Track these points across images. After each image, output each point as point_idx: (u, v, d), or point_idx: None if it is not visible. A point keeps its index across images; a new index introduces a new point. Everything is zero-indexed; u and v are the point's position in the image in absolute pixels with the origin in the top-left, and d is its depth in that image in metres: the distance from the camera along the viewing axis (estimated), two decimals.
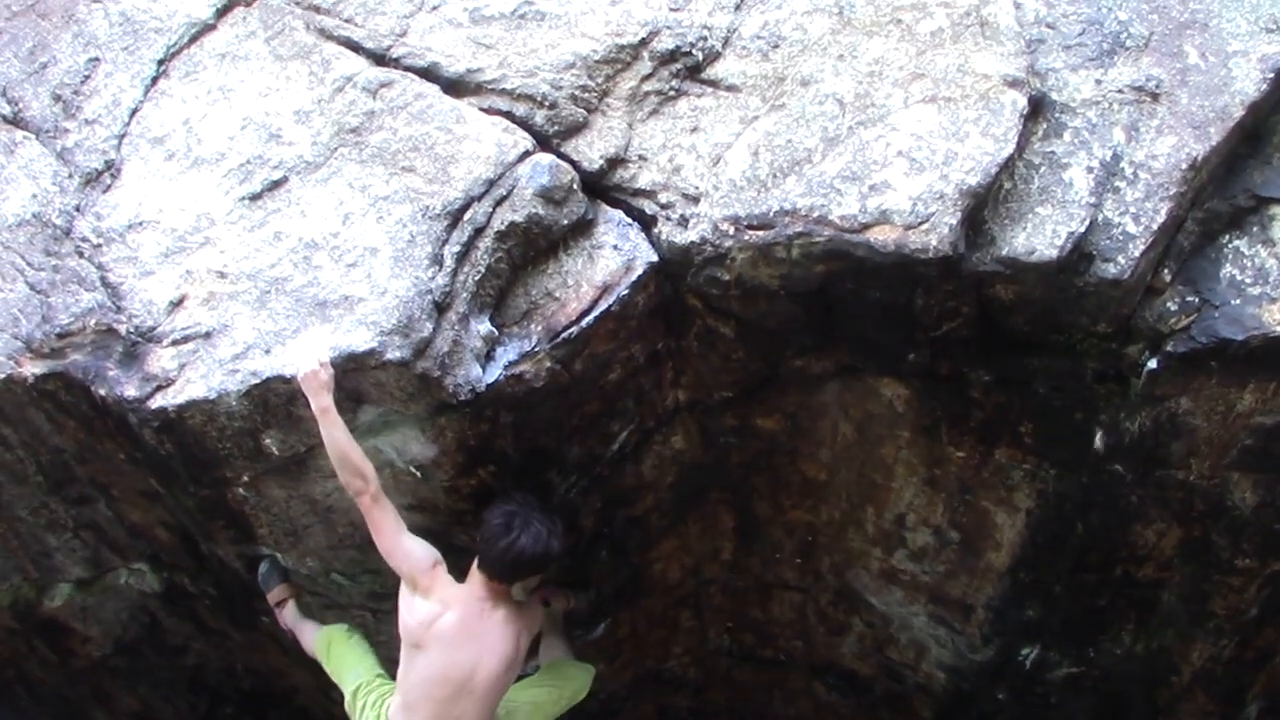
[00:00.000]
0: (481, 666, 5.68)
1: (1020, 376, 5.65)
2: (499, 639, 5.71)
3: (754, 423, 6.22)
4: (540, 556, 5.57)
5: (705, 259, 5.51)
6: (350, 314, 5.52)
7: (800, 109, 5.61)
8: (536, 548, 5.54)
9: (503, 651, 5.72)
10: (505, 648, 5.73)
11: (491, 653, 5.70)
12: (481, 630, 5.66)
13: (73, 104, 6.57)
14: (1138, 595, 6.34)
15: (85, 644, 7.63)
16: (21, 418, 6.28)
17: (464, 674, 5.67)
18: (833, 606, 7.01)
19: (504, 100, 5.88)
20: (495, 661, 5.71)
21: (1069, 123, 5.50)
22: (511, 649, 5.76)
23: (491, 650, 5.70)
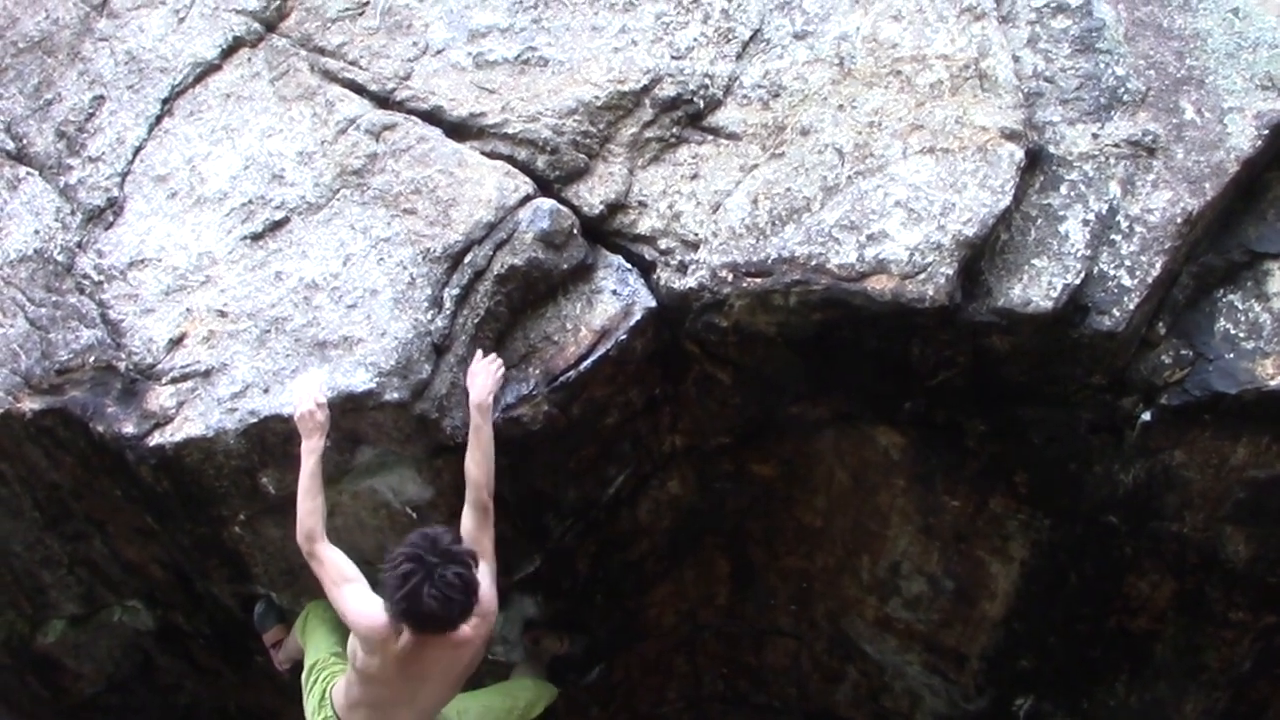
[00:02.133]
0: (425, 694, 5.46)
1: (1015, 427, 5.66)
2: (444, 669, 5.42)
3: (750, 469, 6.23)
4: (454, 605, 4.99)
5: (703, 305, 5.53)
6: (349, 355, 5.55)
7: (800, 158, 5.65)
8: (446, 596, 4.94)
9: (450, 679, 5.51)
10: (452, 675, 5.49)
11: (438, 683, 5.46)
12: (424, 668, 5.33)
13: (77, 141, 6.61)
14: (1131, 647, 6.33)
15: (78, 681, 7.60)
16: (19, 453, 6.29)
17: (408, 699, 5.44)
18: (827, 654, 7.00)
19: (506, 145, 5.92)
20: (441, 689, 5.52)
21: (1066, 176, 5.53)
22: (458, 674, 5.52)
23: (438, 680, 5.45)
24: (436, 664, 5.31)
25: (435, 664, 5.31)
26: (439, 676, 5.39)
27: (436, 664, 5.31)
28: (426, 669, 5.31)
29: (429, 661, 5.28)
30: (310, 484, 5.34)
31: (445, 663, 5.34)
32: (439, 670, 5.36)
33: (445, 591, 4.91)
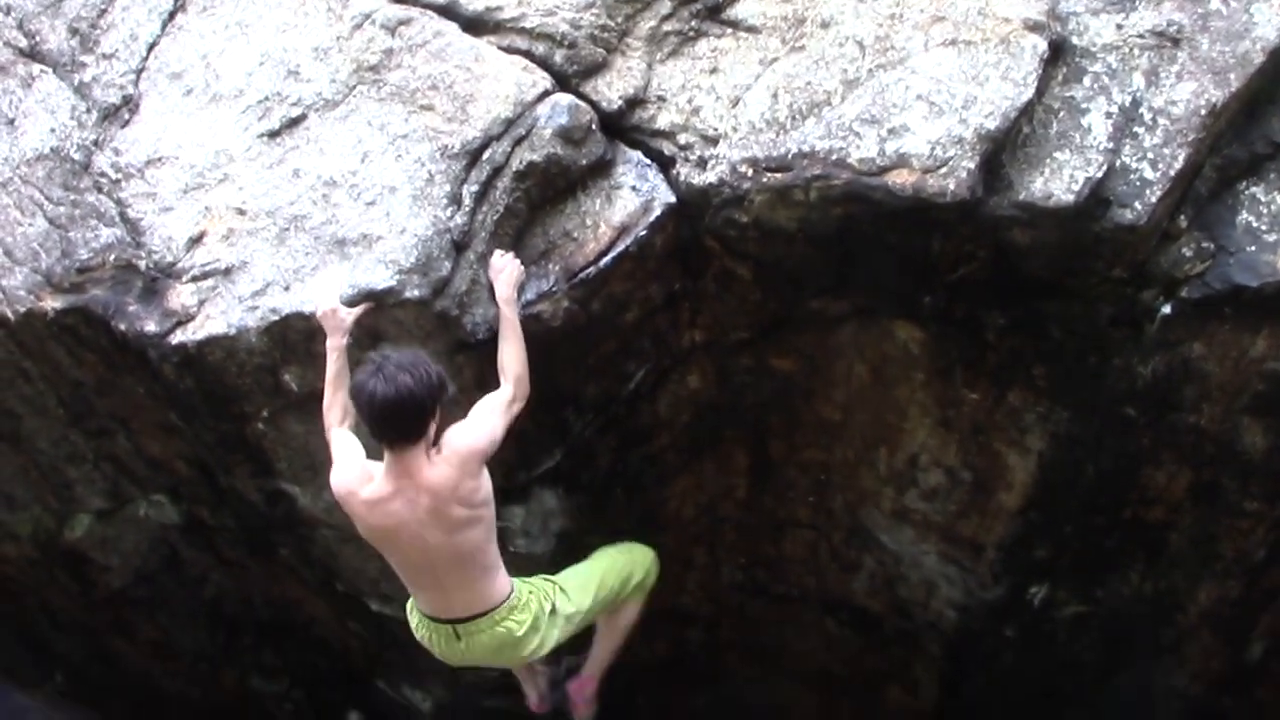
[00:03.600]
0: (429, 551, 5.38)
1: (1035, 320, 5.66)
2: (433, 516, 5.28)
3: (769, 363, 6.25)
4: (400, 396, 4.99)
5: (723, 201, 5.52)
6: (369, 252, 5.56)
7: (820, 51, 5.61)
8: (391, 388, 4.98)
9: (447, 527, 5.32)
10: (446, 523, 5.30)
11: (436, 533, 5.32)
12: (404, 515, 5.28)
13: (90, 38, 6.57)
14: (1147, 537, 6.38)
15: (105, 574, 7.70)
16: (42, 351, 6.32)
17: (415, 559, 5.46)
18: (845, 544, 7.05)
19: (523, 39, 5.87)
20: (443, 539, 5.34)
21: (1089, 67, 5.48)
22: (453, 522, 5.31)
23: (435, 530, 5.31)
24: (414, 508, 5.26)
25: (413, 508, 5.26)
26: (433, 525, 5.30)
27: (414, 508, 5.26)
28: (408, 516, 5.29)
29: (406, 505, 5.27)
30: (332, 380, 5.46)
31: (426, 509, 5.26)
32: (427, 517, 5.28)
33: (395, 375, 5.02)
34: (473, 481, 5.25)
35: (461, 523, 5.32)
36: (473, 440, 5.23)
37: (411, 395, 5.02)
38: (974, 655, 7.36)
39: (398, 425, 5.15)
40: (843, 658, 7.78)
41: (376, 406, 5.05)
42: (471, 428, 5.26)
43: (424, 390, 5.05)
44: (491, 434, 5.27)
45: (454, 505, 5.27)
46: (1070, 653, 7.10)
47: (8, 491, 7.30)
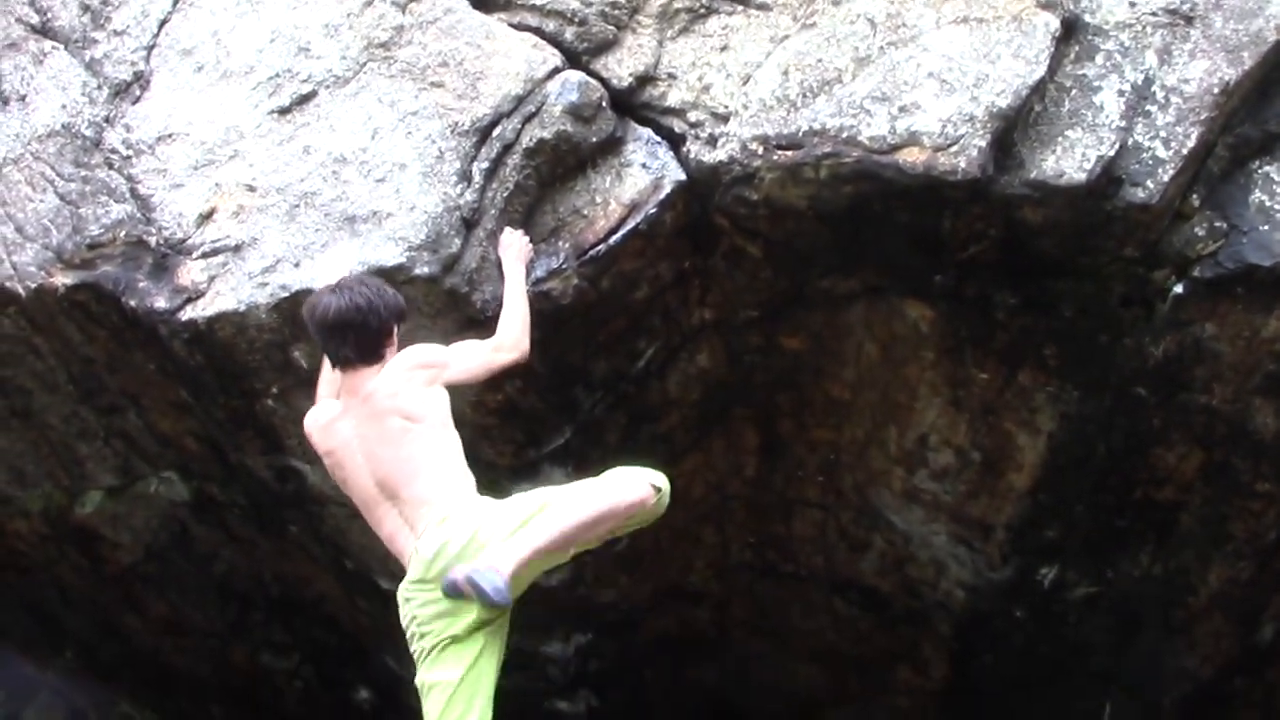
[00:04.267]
0: (372, 452, 5.00)
1: (1046, 299, 5.65)
2: (381, 437, 4.98)
3: (779, 342, 6.24)
4: (356, 308, 4.89)
5: (734, 178, 5.51)
6: (379, 229, 5.56)
7: (831, 28, 5.59)
8: (347, 299, 4.88)
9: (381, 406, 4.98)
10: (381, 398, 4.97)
11: (372, 429, 4.99)
12: (355, 420, 5.03)
13: (101, 14, 6.57)
14: (1157, 517, 6.38)
15: (116, 550, 7.72)
16: (53, 327, 6.33)
17: (370, 477, 5.05)
18: (854, 524, 7.05)
19: (534, 16, 5.88)
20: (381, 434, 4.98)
21: (1101, 45, 5.47)
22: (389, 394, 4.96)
23: (370, 425, 5.00)
24: (355, 423, 5.02)
25: (355, 424, 5.02)
26: (374, 440, 4.99)
27: (355, 423, 5.02)
28: (350, 434, 5.05)
29: (349, 423, 5.04)
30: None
31: (364, 418, 5.00)
32: (367, 429, 5.00)
33: (353, 287, 4.94)
34: (416, 392, 4.96)
35: (401, 432, 4.95)
36: (428, 353, 5.02)
37: (370, 308, 4.91)
38: (984, 635, 7.35)
39: (351, 340, 4.97)
40: (852, 637, 7.78)
41: (330, 318, 4.93)
42: (434, 346, 5.08)
43: (383, 307, 4.94)
44: (458, 359, 5.06)
45: (394, 412, 4.96)
46: (1080, 634, 7.09)
47: (18, 468, 7.32)
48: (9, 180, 6.31)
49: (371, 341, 4.98)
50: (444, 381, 5.06)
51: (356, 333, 4.95)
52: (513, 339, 5.23)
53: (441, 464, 5.00)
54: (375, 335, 4.98)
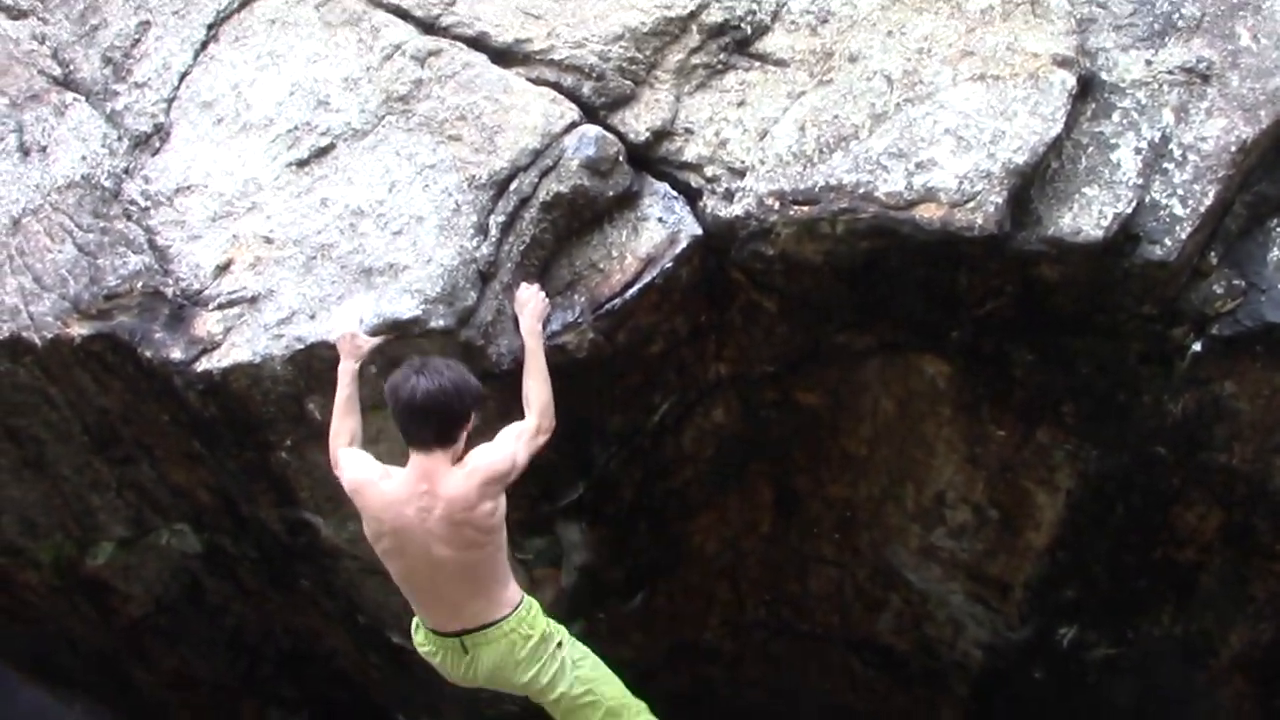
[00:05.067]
0: (436, 565, 5.21)
1: (1063, 356, 5.63)
2: (443, 526, 5.13)
3: (795, 397, 6.22)
4: (443, 391, 4.95)
5: (750, 233, 5.51)
6: (395, 281, 5.56)
7: (848, 85, 5.60)
8: (435, 382, 4.93)
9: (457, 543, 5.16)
10: (458, 538, 5.15)
11: (444, 546, 5.17)
12: (413, 519, 5.14)
13: (123, 67, 6.63)
14: (1177, 577, 6.32)
15: (126, 602, 7.70)
16: (68, 378, 6.34)
17: (426, 565, 5.25)
18: (870, 582, 7.00)
19: (552, 71, 5.90)
20: (451, 554, 5.18)
21: (1118, 103, 5.48)
22: (465, 540, 5.16)
23: (443, 542, 5.16)
24: (426, 516, 5.12)
25: (425, 516, 5.12)
26: (442, 539, 5.15)
27: (426, 516, 5.12)
28: (417, 524, 5.15)
29: (419, 512, 5.12)
30: (341, 405, 5.42)
31: (439, 519, 5.12)
32: (438, 528, 5.13)
33: (441, 370, 4.97)
34: (490, 503, 5.12)
35: (470, 542, 5.17)
36: (497, 460, 5.10)
37: (456, 393, 4.97)
38: (1002, 696, 7.28)
39: (434, 423, 5.03)
40: (868, 697, 7.70)
41: (418, 400, 4.96)
42: (497, 449, 5.14)
43: (466, 393, 5.01)
44: (514, 459, 5.15)
45: (466, 524, 5.13)
46: (1100, 695, 7.02)
47: (30, 518, 7.32)
48: (28, 231, 6.35)
49: (452, 427, 5.06)
50: (509, 483, 5.21)
51: (439, 417, 5.03)
52: (547, 420, 5.30)
53: (497, 567, 5.31)
54: (456, 420, 5.06)
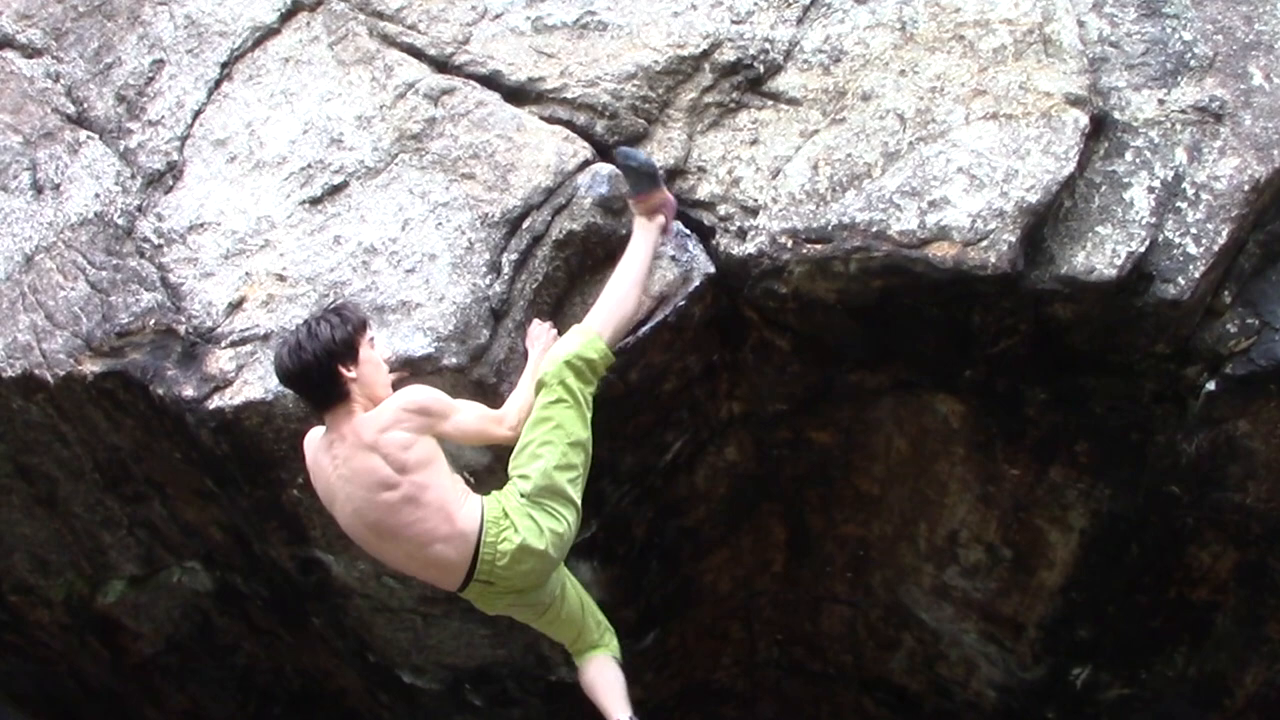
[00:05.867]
0: (355, 493, 5.08)
1: (1077, 395, 5.61)
2: (353, 442, 5.01)
3: (808, 436, 6.21)
4: (294, 360, 4.91)
5: (763, 271, 5.51)
6: (408, 319, 5.57)
7: (861, 123, 5.61)
8: (285, 356, 4.93)
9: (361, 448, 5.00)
10: (362, 440, 4.98)
11: (354, 471, 5.04)
12: (337, 458, 5.07)
13: (137, 105, 6.65)
14: (1192, 617, 6.29)
15: (137, 641, 7.69)
16: (80, 415, 6.34)
17: (360, 518, 5.16)
18: (883, 621, 6.98)
19: (565, 109, 5.91)
20: (363, 478, 5.02)
21: (1131, 142, 5.47)
22: (370, 437, 4.97)
23: (351, 467, 5.04)
24: (337, 461, 5.07)
25: (337, 461, 5.07)
26: (355, 481, 5.05)
27: (337, 461, 5.07)
28: (332, 472, 5.10)
29: (332, 459, 5.08)
30: None
31: (344, 459, 5.04)
32: (348, 470, 5.05)
33: (290, 342, 4.96)
34: (399, 434, 4.94)
35: (383, 482, 5.00)
36: (427, 397, 5.01)
37: (310, 358, 4.90)
38: None
39: (305, 392, 5.07)
40: None
41: (280, 376, 5.06)
42: (436, 393, 5.05)
43: (322, 353, 4.90)
44: (447, 405, 5.06)
45: (372, 456, 4.98)
46: None
47: (42, 556, 7.32)
48: (41, 268, 6.36)
49: (324, 387, 4.98)
50: (437, 433, 5.06)
51: (304, 384, 5.02)
52: (515, 419, 5.22)
53: (433, 502, 5.05)
54: (324, 381, 4.96)
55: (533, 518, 5.13)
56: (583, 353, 5.20)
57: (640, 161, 5.49)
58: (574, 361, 5.17)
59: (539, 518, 5.15)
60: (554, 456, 5.15)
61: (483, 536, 5.08)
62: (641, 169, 5.46)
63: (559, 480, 5.17)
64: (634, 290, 5.41)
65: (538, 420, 5.17)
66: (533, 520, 5.13)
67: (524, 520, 5.12)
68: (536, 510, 5.15)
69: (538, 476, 5.13)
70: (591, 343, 5.22)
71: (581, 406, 5.20)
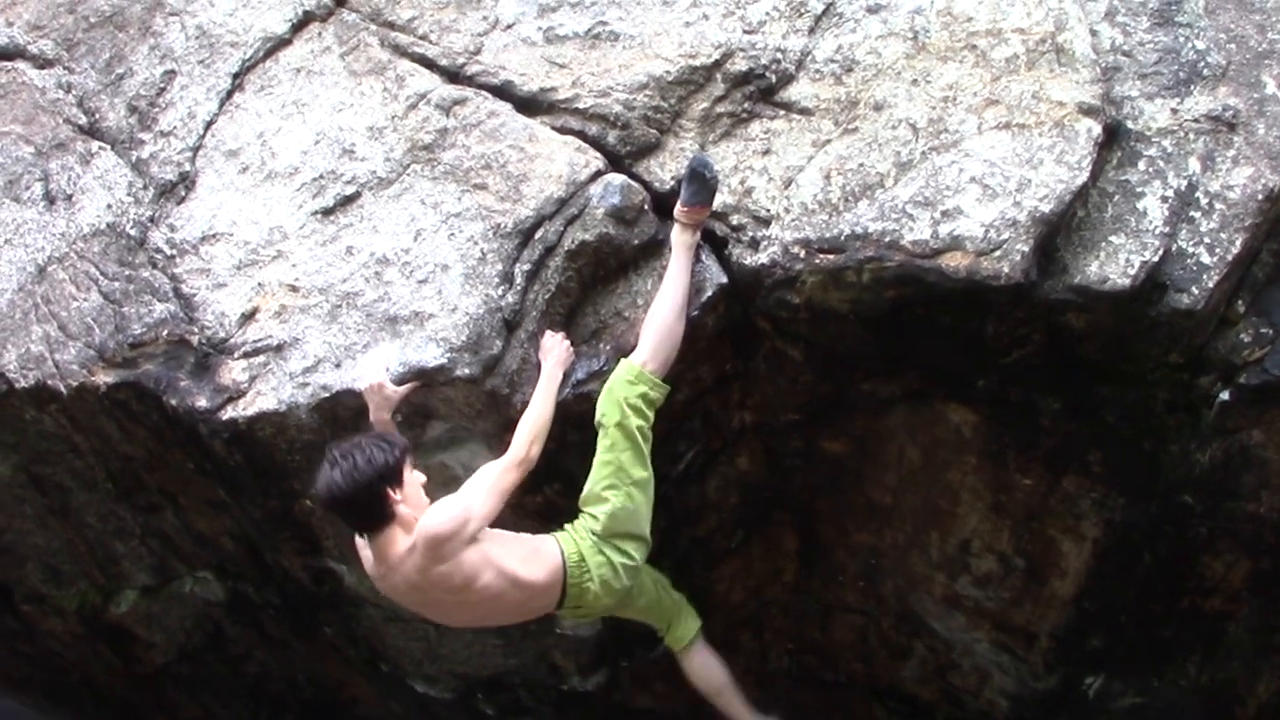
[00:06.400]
0: (434, 602, 5.35)
1: (1090, 405, 5.60)
2: (407, 579, 5.21)
3: (820, 445, 6.20)
4: (339, 488, 4.97)
5: (775, 282, 5.50)
6: (420, 330, 5.57)
7: (873, 133, 5.60)
8: (329, 483, 4.99)
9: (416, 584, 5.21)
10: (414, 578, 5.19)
11: (423, 594, 5.28)
12: (401, 584, 5.24)
13: (148, 115, 6.66)
14: (1204, 627, 6.27)
15: (149, 650, 7.70)
16: (93, 426, 6.35)
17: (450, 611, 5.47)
18: (895, 630, 6.97)
19: (577, 119, 5.90)
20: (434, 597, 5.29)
21: (1144, 151, 5.46)
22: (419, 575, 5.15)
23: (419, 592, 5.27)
24: (404, 585, 5.24)
25: (404, 585, 5.24)
26: (427, 599, 5.33)
27: (404, 585, 5.24)
28: (406, 589, 5.26)
29: (399, 581, 5.23)
30: None
31: (412, 587, 5.23)
32: (417, 594, 5.29)
33: (326, 474, 5.01)
34: (442, 566, 5.11)
35: (453, 590, 5.21)
36: (435, 525, 5.04)
37: (353, 487, 4.98)
38: None
39: (349, 518, 5.22)
40: None
41: (322, 504, 5.19)
42: (441, 509, 5.09)
43: (365, 481, 4.99)
44: (465, 515, 5.09)
45: (433, 588, 5.21)
46: None
47: (55, 566, 7.33)
48: (53, 279, 6.38)
49: (367, 515, 5.12)
50: (471, 535, 5.14)
51: (349, 512, 5.15)
52: (521, 450, 5.28)
53: (506, 575, 5.28)
54: (368, 508, 5.08)
55: (605, 554, 5.50)
56: (637, 389, 5.40)
57: (713, 174, 5.55)
58: (632, 401, 5.37)
59: (611, 555, 5.50)
60: (618, 500, 5.45)
61: (567, 576, 5.43)
62: (710, 181, 5.53)
63: (626, 523, 5.50)
64: (678, 316, 5.48)
65: (601, 463, 5.44)
66: (605, 557, 5.49)
67: (597, 558, 5.48)
68: (608, 548, 5.51)
69: (605, 520, 5.46)
70: (643, 377, 5.40)
71: (639, 445, 5.44)
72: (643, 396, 5.38)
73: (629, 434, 5.37)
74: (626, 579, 5.56)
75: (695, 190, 5.52)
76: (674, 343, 5.46)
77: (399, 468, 5.09)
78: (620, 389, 5.37)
